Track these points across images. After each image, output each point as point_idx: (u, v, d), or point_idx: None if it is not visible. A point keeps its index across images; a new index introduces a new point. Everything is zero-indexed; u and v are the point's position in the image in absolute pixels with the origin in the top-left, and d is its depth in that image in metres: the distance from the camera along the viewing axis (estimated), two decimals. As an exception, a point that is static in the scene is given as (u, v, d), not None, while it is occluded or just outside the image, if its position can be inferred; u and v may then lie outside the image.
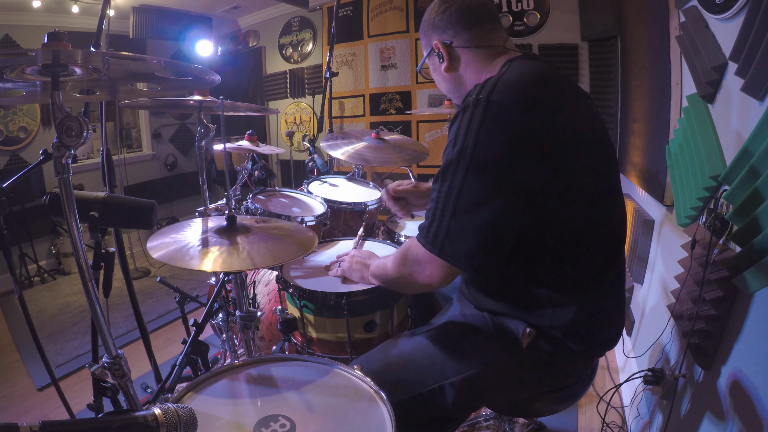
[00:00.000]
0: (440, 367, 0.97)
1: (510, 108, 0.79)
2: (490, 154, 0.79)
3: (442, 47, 0.99)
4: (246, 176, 2.06)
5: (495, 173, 0.80)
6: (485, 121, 0.79)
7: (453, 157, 0.81)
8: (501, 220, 0.81)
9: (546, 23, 3.17)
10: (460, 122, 0.82)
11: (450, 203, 0.82)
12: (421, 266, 0.90)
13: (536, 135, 0.79)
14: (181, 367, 1.42)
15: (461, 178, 0.80)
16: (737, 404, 0.93)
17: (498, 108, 0.79)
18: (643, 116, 2.09)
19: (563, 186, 0.83)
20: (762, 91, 0.89)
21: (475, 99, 0.81)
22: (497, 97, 0.79)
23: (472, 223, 0.81)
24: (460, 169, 0.80)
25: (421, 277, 0.91)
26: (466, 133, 0.80)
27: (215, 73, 0.99)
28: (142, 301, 3.11)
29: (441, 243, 0.83)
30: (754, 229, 0.85)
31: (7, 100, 1.93)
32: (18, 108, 3.64)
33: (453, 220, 0.81)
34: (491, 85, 0.81)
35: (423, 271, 0.90)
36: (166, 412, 0.53)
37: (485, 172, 0.80)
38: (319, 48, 4.37)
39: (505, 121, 0.79)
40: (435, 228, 0.84)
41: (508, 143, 0.79)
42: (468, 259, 0.83)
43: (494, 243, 0.83)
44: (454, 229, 0.82)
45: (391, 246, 1.53)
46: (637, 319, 2.04)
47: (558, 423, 1.78)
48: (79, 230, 0.85)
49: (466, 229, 0.81)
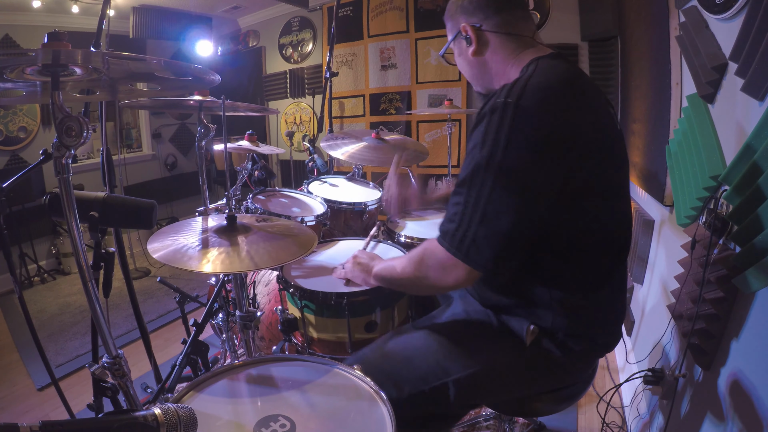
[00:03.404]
0: (443, 364, 0.97)
1: (540, 115, 0.79)
2: (520, 161, 0.79)
3: (471, 30, 0.97)
4: (246, 176, 2.06)
5: (524, 180, 0.80)
6: (515, 127, 0.78)
7: (482, 161, 0.80)
8: (526, 225, 0.82)
9: (546, 23, 3.17)
10: (488, 124, 0.81)
11: (479, 209, 0.81)
12: (444, 270, 0.88)
13: (564, 141, 0.80)
14: (181, 367, 1.42)
15: (491, 185, 0.80)
16: (737, 404, 0.93)
17: (528, 114, 0.79)
18: (643, 116, 2.09)
19: (584, 189, 0.84)
20: (762, 91, 0.89)
21: (504, 102, 0.80)
22: (527, 102, 0.79)
23: (499, 228, 0.80)
24: (489, 175, 0.80)
25: (442, 281, 0.89)
26: (495, 136, 0.79)
27: (215, 73, 0.99)
28: (142, 301, 3.10)
29: (467, 248, 0.82)
30: (754, 229, 0.85)
31: (7, 100, 1.93)
32: (18, 108, 3.63)
33: (481, 225, 0.81)
34: (520, 89, 0.81)
35: (445, 275, 0.88)
36: (166, 412, 0.53)
37: (515, 179, 0.80)
38: (319, 48, 4.36)
39: (536, 127, 0.79)
40: (462, 233, 0.83)
41: (538, 150, 0.79)
42: (493, 264, 0.83)
43: (517, 247, 0.84)
44: (482, 235, 0.81)
45: (398, 249, 1.53)
46: (637, 319, 2.04)
47: (558, 423, 1.78)
48: (79, 230, 0.85)
49: (492, 235, 0.81)
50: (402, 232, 1.72)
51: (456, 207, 0.84)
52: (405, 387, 0.95)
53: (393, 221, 1.87)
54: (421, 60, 3.76)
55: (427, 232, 1.72)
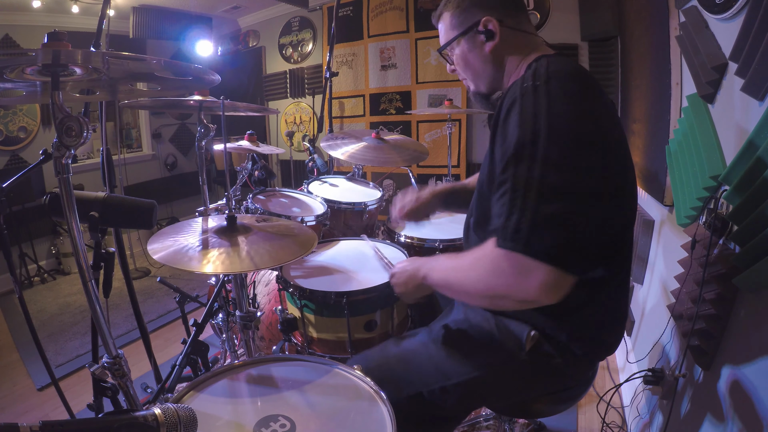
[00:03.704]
0: (442, 369, 0.96)
1: (573, 92, 0.78)
2: (566, 135, 0.74)
3: (495, 24, 0.93)
4: (246, 176, 2.06)
5: (573, 156, 0.74)
6: (553, 104, 0.76)
7: (526, 139, 0.74)
8: (583, 205, 0.74)
9: (546, 23, 3.17)
10: (522, 107, 0.77)
11: (533, 190, 0.71)
12: (521, 277, 0.72)
13: (598, 123, 0.79)
14: (181, 367, 1.42)
15: (542, 159, 0.72)
16: (737, 404, 0.93)
17: (562, 92, 0.77)
18: (643, 116, 2.09)
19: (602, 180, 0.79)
20: (762, 91, 0.89)
21: (533, 85, 0.78)
22: (557, 83, 0.78)
23: (565, 207, 0.71)
24: (538, 151, 0.72)
25: (520, 293, 0.73)
26: (534, 116, 0.75)
27: (215, 73, 0.99)
28: (142, 301, 3.10)
29: (526, 236, 0.70)
30: (754, 229, 0.85)
31: (7, 100, 1.93)
32: (18, 108, 3.63)
33: (541, 202, 0.71)
34: (544, 74, 0.79)
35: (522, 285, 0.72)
36: (166, 412, 0.53)
37: (565, 154, 0.73)
38: (319, 48, 4.36)
39: (573, 102, 0.77)
40: (516, 220, 0.71)
41: (580, 126, 0.76)
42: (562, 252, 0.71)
43: (580, 235, 0.73)
44: (543, 215, 0.70)
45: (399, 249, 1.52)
46: (637, 319, 2.04)
47: (558, 423, 1.78)
48: (79, 230, 0.85)
49: (554, 216, 0.71)
50: (402, 232, 1.72)
51: (503, 198, 0.75)
52: (404, 390, 0.95)
53: (393, 222, 1.87)
54: (421, 60, 3.76)
55: (427, 232, 1.72)
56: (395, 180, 4.08)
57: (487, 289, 0.78)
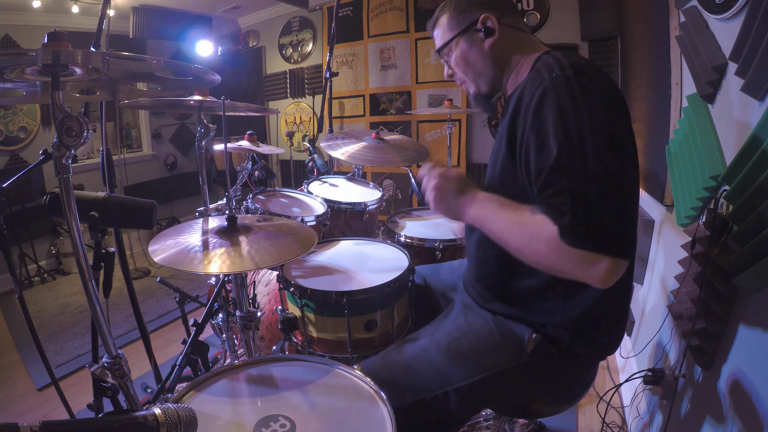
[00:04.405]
0: (445, 374, 0.97)
1: (600, 78, 0.79)
2: (608, 120, 0.75)
3: (495, 21, 0.94)
4: (246, 176, 2.06)
5: (617, 151, 0.75)
6: (589, 91, 0.76)
7: (573, 135, 0.73)
8: (631, 204, 0.76)
9: (546, 23, 3.17)
10: (559, 98, 0.76)
11: (592, 180, 0.72)
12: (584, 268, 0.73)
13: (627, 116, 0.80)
14: (181, 367, 1.42)
15: (593, 150, 0.72)
16: (737, 404, 0.93)
17: (591, 79, 0.78)
18: (643, 116, 2.09)
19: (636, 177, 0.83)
20: (762, 91, 0.89)
21: (562, 75, 0.78)
22: (582, 70, 0.78)
23: (620, 197, 0.73)
24: (587, 142, 0.72)
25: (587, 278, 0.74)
26: (575, 109, 0.74)
27: (215, 73, 0.99)
28: (142, 301, 3.10)
29: (591, 234, 0.71)
30: (754, 229, 0.85)
31: (7, 100, 1.93)
32: (18, 108, 3.63)
33: (601, 197, 0.71)
34: (565, 65, 0.80)
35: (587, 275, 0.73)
36: (166, 412, 0.53)
37: (612, 140, 0.74)
38: (319, 48, 4.36)
39: (608, 97, 0.78)
40: (582, 218, 0.71)
41: (615, 108, 0.78)
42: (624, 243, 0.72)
43: (633, 224, 0.76)
44: (606, 210, 0.71)
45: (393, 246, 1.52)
46: (637, 319, 2.04)
47: (558, 423, 1.78)
48: (79, 230, 0.85)
49: (614, 209, 0.72)
50: (402, 232, 1.72)
51: (561, 196, 0.73)
52: (407, 396, 0.95)
53: (393, 221, 1.87)
54: (421, 60, 3.76)
55: (427, 232, 1.72)
56: (395, 180, 4.08)
57: (547, 264, 0.77)
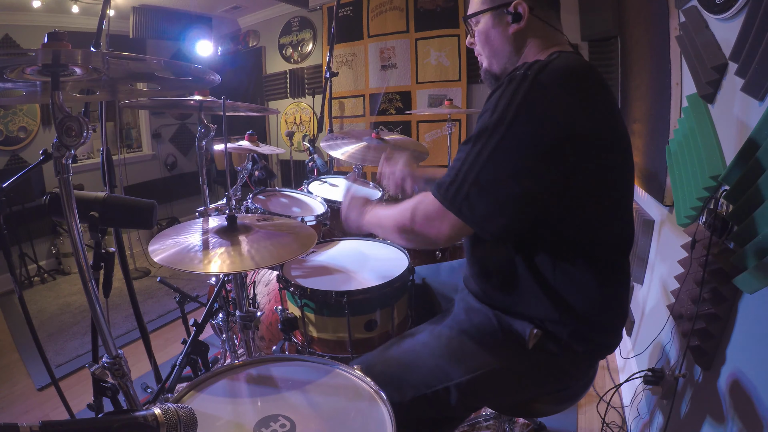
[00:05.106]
0: (445, 369, 0.96)
1: (555, 93, 0.79)
2: (525, 133, 0.80)
3: (525, 8, 0.95)
4: (246, 176, 2.06)
5: (527, 152, 0.80)
6: (529, 99, 0.79)
7: (490, 123, 0.81)
8: (525, 201, 0.82)
9: (546, 23, 3.17)
10: (503, 92, 0.82)
11: (477, 167, 0.82)
12: (432, 221, 0.89)
13: (574, 127, 0.80)
14: (181, 367, 1.42)
15: (494, 146, 0.80)
16: (737, 404, 0.93)
17: (544, 89, 0.79)
18: (643, 116, 2.09)
19: (592, 184, 0.84)
20: (762, 91, 0.89)
21: (523, 74, 0.81)
22: (545, 79, 0.79)
23: (495, 193, 0.82)
24: (494, 137, 0.80)
25: (429, 231, 0.90)
26: (507, 104, 0.80)
27: (215, 73, 0.99)
28: (142, 301, 3.10)
29: (460, 203, 0.84)
30: (754, 229, 0.85)
31: (7, 100, 1.93)
32: (18, 108, 3.63)
33: (474, 184, 0.82)
34: (540, 67, 0.81)
35: (429, 226, 0.90)
36: (166, 412, 0.53)
37: (518, 148, 0.80)
38: (319, 48, 4.36)
39: (548, 104, 0.79)
40: (456, 187, 0.84)
41: (545, 128, 0.79)
42: (485, 223, 0.84)
43: (516, 219, 0.85)
44: (475, 194, 0.82)
45: None
46: (637, 319, 2.04)
47: (558, 423, 1.78)
48: (79, 230, 0.85)
49: (487, 197, 0.82)
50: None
51: (456, 162, 0.86)
52: (407, 391, 0.95)
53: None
54: (421, 60, 3.76)
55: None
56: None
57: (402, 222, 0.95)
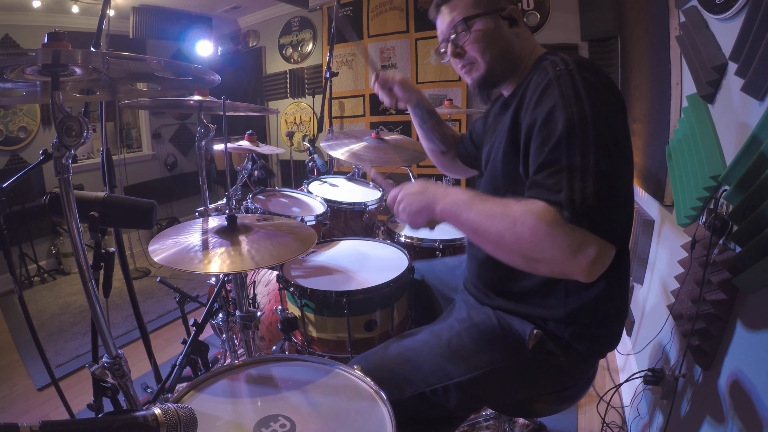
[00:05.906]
0: (445, 368, 0.97)
1: (601, 77, 0.81)
2: (610, 115, 0.78)
3: (519, 14, 1.02)
4: (246, 176, 2.06)
5: (619, 135, 0.78)
6: (592, 86, 0.79)
7: (575, 119, 0.75)
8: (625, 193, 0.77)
9: (546, 23, 3.17)
10: (562, 88, 0.79)
11: (590, 165, 0.72)
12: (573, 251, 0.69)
13: (624, 114, 0.82)
14: (181, 367, 1.42)
15: (593, 136, 0.73)
16: (737, 404, 0.93)
17: (594, 76, 0.81)
18: (643, 116, 2.09)
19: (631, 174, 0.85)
20: (762, 91, 0.89)
21: (566, 69, 0.81)
22: (585, 67, 0.81)
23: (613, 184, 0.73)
24: (589, 128, 0.74)
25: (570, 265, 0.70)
26: (577, 98, 0.77)
27: (215, 73, 0.99)
28: (142, 301, 3.10)
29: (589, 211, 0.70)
30: (754, 229, 0.85)
31: (7, 100, 1.93)
32: (18, 108, 3.63)
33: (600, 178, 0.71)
34: (568, 61, 0.83)
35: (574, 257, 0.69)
36: (166, 412, 0.53)
37: (611, 132, 0.76)
38: (319, 48, 4.36)
39: (609, 89, 0.81)
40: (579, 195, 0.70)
41: (618, 108, 0.81)
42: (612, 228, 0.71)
43: (629, 214, 0.81)
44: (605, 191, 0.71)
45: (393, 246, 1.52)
46: (637, 319, 2.04)
47: (558, 423, 1.78)
48: (79, 230, 0.85)
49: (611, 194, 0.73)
50: (402, 232, 1.72)
51: (557, 174, 0.73)
52: (407, 390, 0.95)
53: (393, 221, 1.87)
54: (421, 60, 3.76)
55: (426, 232, 1.72)
56: (395, 180, 4.07)
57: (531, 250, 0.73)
